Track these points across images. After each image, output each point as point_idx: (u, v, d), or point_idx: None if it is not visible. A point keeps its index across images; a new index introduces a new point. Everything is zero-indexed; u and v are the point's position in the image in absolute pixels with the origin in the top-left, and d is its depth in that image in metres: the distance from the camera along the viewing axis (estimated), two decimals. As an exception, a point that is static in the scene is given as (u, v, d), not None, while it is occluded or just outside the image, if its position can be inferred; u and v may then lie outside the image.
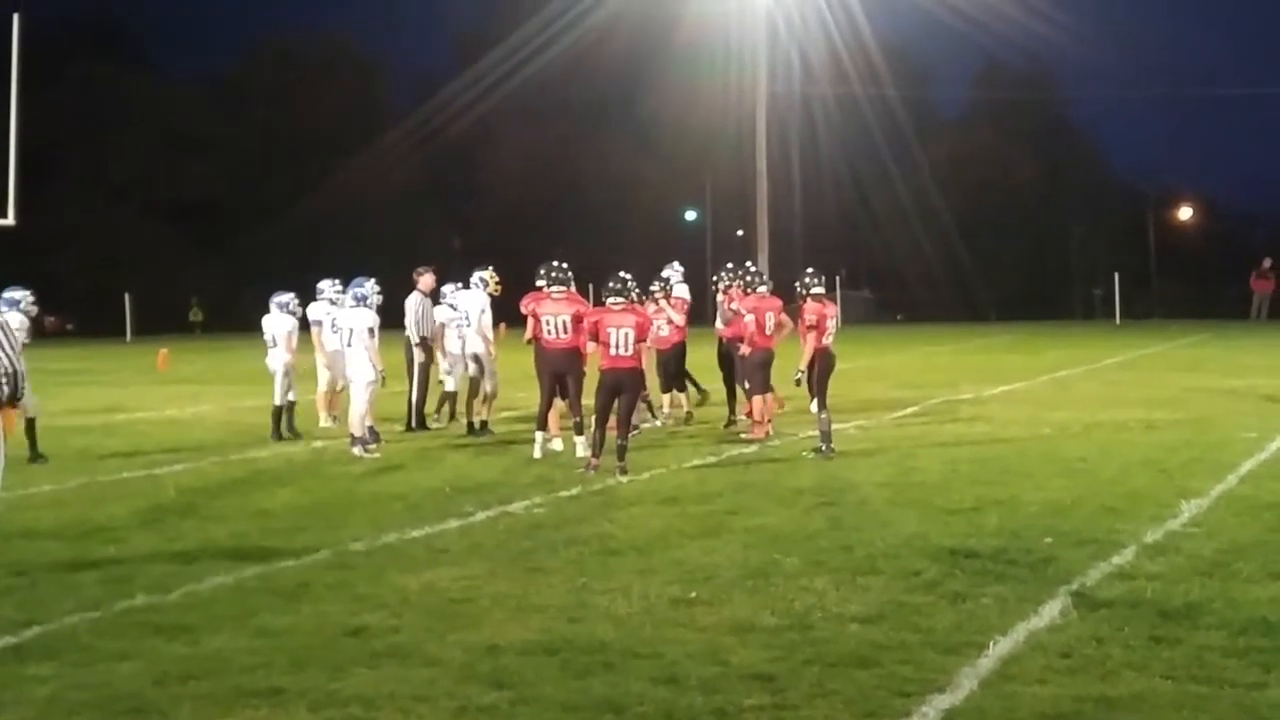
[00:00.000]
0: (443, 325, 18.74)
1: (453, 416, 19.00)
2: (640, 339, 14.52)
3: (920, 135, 70.32)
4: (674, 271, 19.44)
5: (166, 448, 17.06)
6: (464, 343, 18.23)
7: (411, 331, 18.37)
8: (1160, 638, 7.40)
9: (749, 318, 17.21)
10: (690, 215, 75.60)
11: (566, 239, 55.16)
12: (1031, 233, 74.17)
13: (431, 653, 7.40)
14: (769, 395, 17.14)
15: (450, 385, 18.93)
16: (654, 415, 18.54)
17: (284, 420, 17.79)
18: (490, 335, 18.11)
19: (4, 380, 9.92)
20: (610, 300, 14.72)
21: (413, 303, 18.44)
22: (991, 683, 6.74)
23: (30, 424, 15.77)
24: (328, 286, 18.21)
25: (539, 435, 15.65)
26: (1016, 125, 74.90)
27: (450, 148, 70.23)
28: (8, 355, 10.02)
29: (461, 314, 18.24)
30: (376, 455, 15.84)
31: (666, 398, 19.16)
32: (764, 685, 6.74)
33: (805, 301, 15.78)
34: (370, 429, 16.40)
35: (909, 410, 20.09)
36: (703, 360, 20.12)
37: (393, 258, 55.65)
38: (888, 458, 15.10)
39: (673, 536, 10.58)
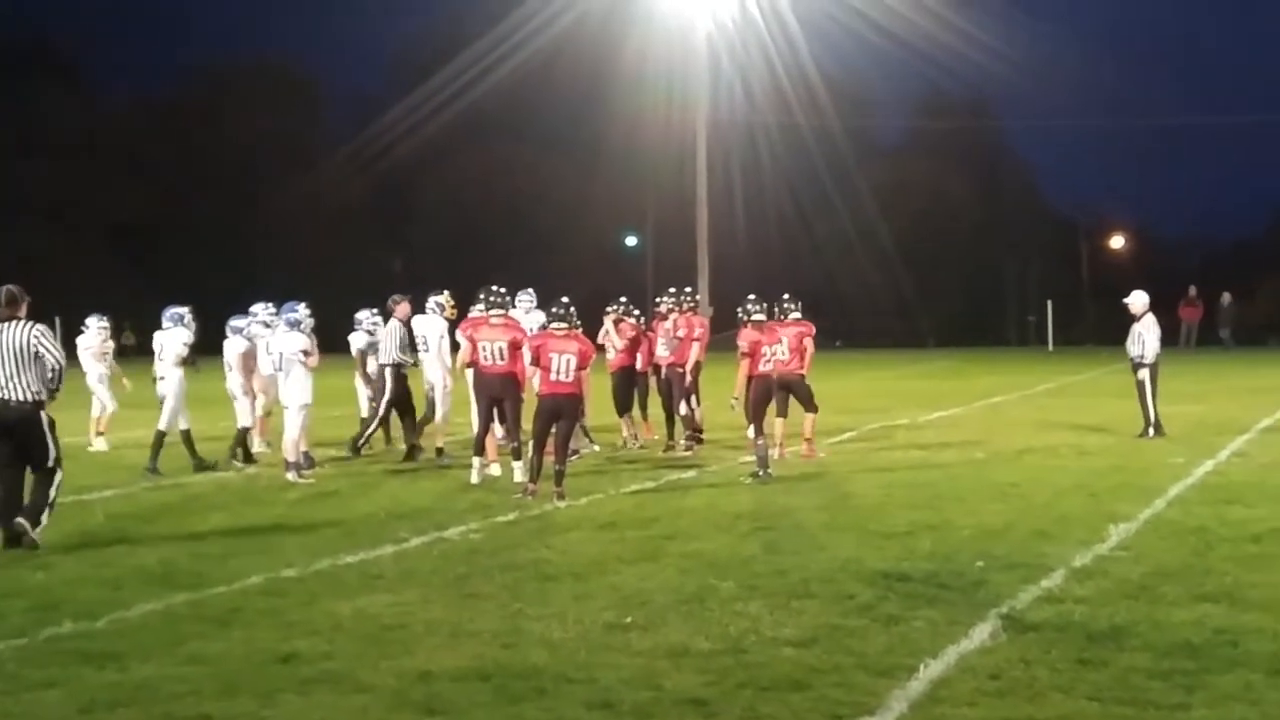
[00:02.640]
0: (361, 352, 18.71)
1: (387, 442, 18.95)
2: (581, 366, 14.55)
3: (861, 163, 70.70)
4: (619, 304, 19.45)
5: (97, 472, 16.90)
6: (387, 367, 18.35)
7: (389, 357, 18.19)
8: (1087, 660, 7.49)
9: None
10: (631, 240, 75.70)
11: (508, 263, 55.07)
12: (968, 260, 74.77)
13: (363, 679, 7.38)
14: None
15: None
16: (591, 441, 18.52)
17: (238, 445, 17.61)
18: (449, 362, 18.05)
19: (55, 377, 11.64)
20: (554, 325, 14.74)
21: (392, 330, 18.30)
22: (921, 705, 6.81)
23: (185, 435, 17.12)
24: (261, 310, 18.11)
25: (476, 461, 15.64)
26: (955, 154, 75.47)
27: (391, 170, 69.95)
28: (54, 354, 11.57)
29: (420, 339, 18.26)
30: (311, 480, 15.77)
31: (624, 421, 19.14)
32: (697, 709, 6.78)
33: (744, 327, 15.93)
34: (305, 454, 16.34)
35: (845, 435, 20.20)
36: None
37: (332, 280, 55.60)
38: (824, 482, 15.20)
39: (609, 562, 10.59)
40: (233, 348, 17.62)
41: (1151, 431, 19.01)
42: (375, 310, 19.16)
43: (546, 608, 8.95)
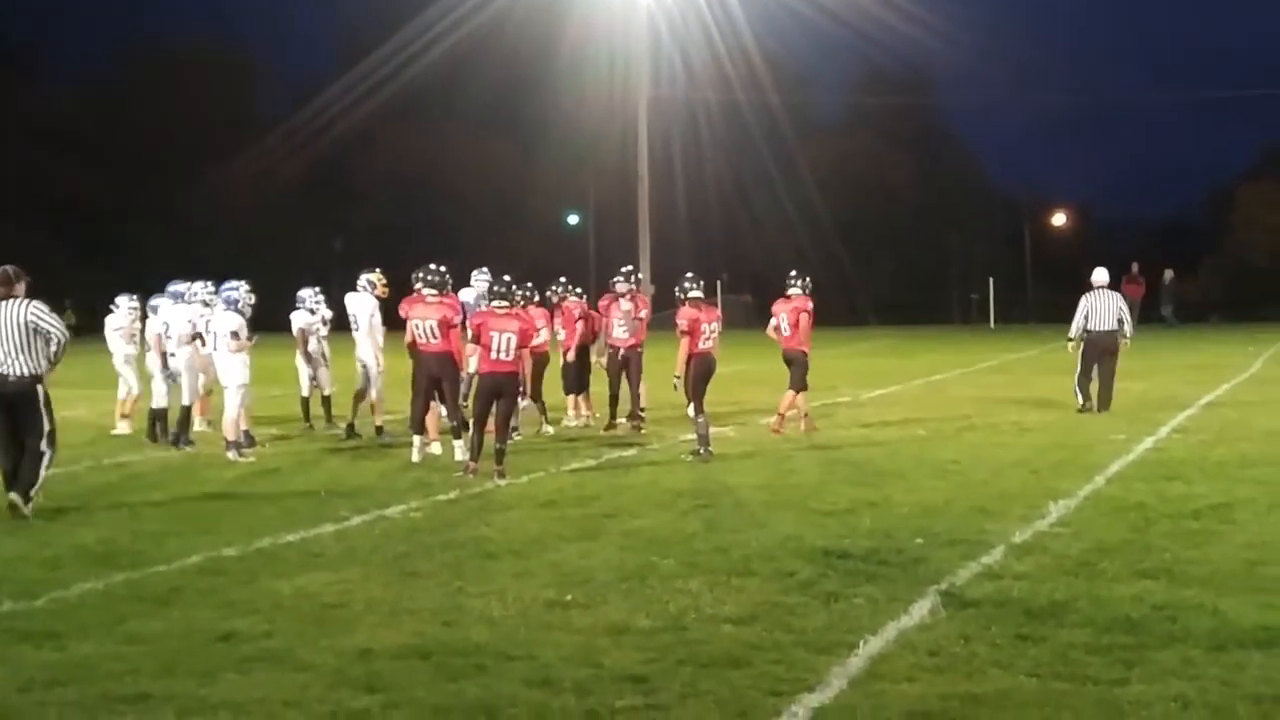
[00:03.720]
0: (302, 330, 18.60)
1: (329, 420, 18.85)
2: (522, 344, 14.48)
3: (801, 140, 70.87)
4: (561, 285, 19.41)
5: (82, 447, 16.73)
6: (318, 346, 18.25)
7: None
8: (1026, 636, 7.53)
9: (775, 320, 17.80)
10: (573, 219, 75.57)
11: (448, 242, 54.86)
12: (910, 238, 75.14)
13: (303, 657, 7.33)
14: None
15: (325, 389, 18.83)
16: (547, 421, 18.41)
17: (159, 424, 17.51)
18: (380, 340, 17.95)
19: (59, 350, 12.12)
20: (495, 304, 14.68)
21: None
22: (861, 681, 6.83)
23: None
24: (200, 289, 17.92)
25: (417, 439, 15.57)
26: (895, 131, 75.77)
27: (331, 150, 69.55)
28: (57, 328, 12.02)
29: (351, 318, 18.15)
30: (252, 460, 15.66)
31: (570, 399, 19.11)
32: (637, 686, 6.77)
33: (682, 305, 15.93)
34: (245, 433, 16.22)
35: (787, 414, 20.20)
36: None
37: (272, 260, 55.26)
38: (765, 460, 15.22)
39: (550, 540, 10.58)
40: (151, 327, 17.43)
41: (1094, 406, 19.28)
42: (318, 289, 19.08)
43: (487, 585, 8.91)
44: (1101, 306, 20.13)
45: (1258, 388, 23.66)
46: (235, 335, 15.87)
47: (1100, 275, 20.45)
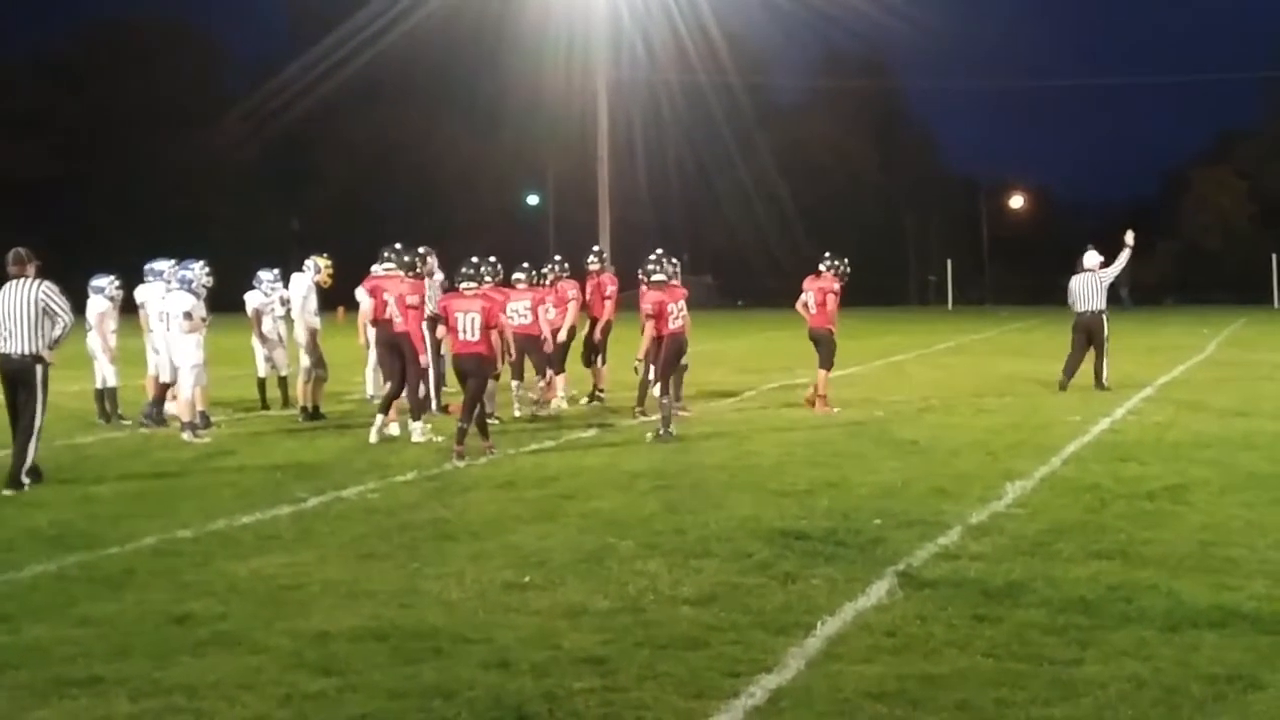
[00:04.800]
0: (257, 311, 18.52)
1: (285, 402, 18.77)
2: (487, 324, 14.44)
3: (761, 121, 70.95)
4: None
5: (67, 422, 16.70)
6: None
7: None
8: (982, 616, 7.55)
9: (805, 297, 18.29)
10: (532, 199, 75.41)
11: (407, 222, 54.68)
12: (869, 219, 75.33)
13: (258, 640, 7.29)
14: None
15: (281, 370, 18.78)
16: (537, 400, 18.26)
17: (109, 404, 17.41)
18: (313, 321, 17.86)
19: (64, 332, 12.50)
20: (462, 285, 14.66)
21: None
22: (818, 662, 6.83)
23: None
24: (167, 267, 17.78)
25: (378, 418, 15.51)
26: (855, 113, 75.94)
27: (289, 130, 69.20)
28: (64, 312, 12.41)
29: (283, 298, 18.14)
30: (207, 441, 15.56)
31: (559, 379, 19.00)
32: (594, 668, 6.75)
33: (645, 289, 15.90)
34: (201, 414, 16.13)
35: (747, 394, 20.27)
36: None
37: (230, 240, 54.88)
38: (724, 441, 15.22)
39: (508, 521, 10.55)
40: (93, 307, 17.29)
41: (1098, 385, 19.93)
42: (276, 271, 19.00)
43: (444, 567, 8.88)
44: (1087, 288, 20.46)
45: (1212, 370, 23.85)
46: (189, 315, 15.78)
47: (1091, 258, 20.69)
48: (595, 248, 19.79)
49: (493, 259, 16.36)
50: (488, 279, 15.64)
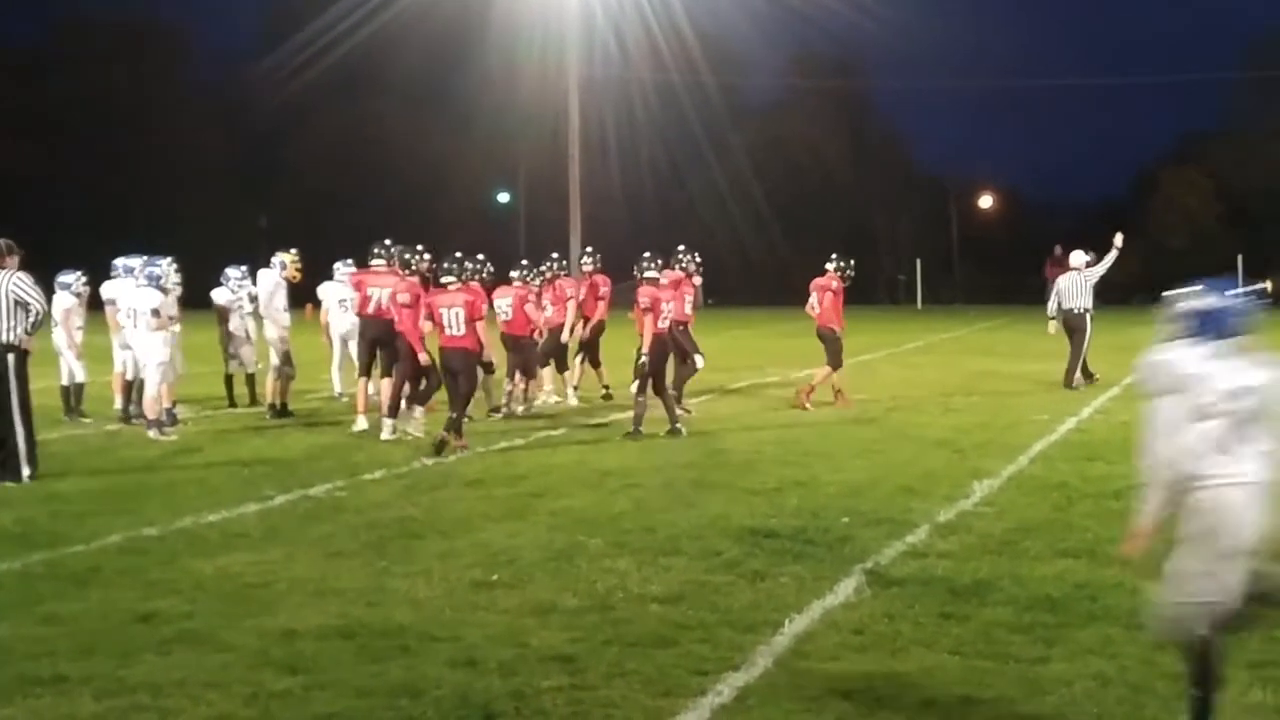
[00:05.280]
0: (223, 308, 18.47)
1: (253, 399, 18.70)
2: (471, 318, 14.43)
3: (735, 121, 70.99)
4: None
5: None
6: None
7: None
8: (949, 614, 7.57)
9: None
10: (503, 197, 75.30)
11: (377, 219, 54.55)
12: (839, 218, 75.43)
13: (224, 638, 7.26)
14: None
15: (248, 367, 18.74)
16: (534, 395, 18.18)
17: (74, 400, 17.32)
18: (281, 319, 17.79)
19: (37, 321, 12.75)
20: (445, 280, 14.69)
21: None
22: (786, 660, 6.84)
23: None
24: (139, 264, 17.69)
25: (388, 421, 15.42)
26: (827, 113, 76.05)
27: (259, 125, 69.01)
28: (36, 301, 12.66)
29: (251, 294, 18.13)
30: (173, 438, 15.48)
31: (547, 374, 18.91)
32: (563, 666, 6.75)
33: (641, 284, 15.95)
34: (168, 410, 16.05)
35: (715, 393, 20.26)
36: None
37: (199, 236, 54.62)
38: (694, 440, 15.23)
39: (476, 519, 10.54)
40: (59, 303, 17.19)
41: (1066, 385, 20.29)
42: (244, 267, 18.93)
43: (412, 566, 8.87)
44: (1073, 287, 20.97)
45: (1180, 369, 23.90)
46: (156, 313, 15.70)
47: (1077, 257, 21.08)
48: (588, 249, 19.76)
49: (481, 256, 16.42)
50: (470, 275, 15.59)
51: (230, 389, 18.85)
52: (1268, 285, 20.33)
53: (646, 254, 16.31)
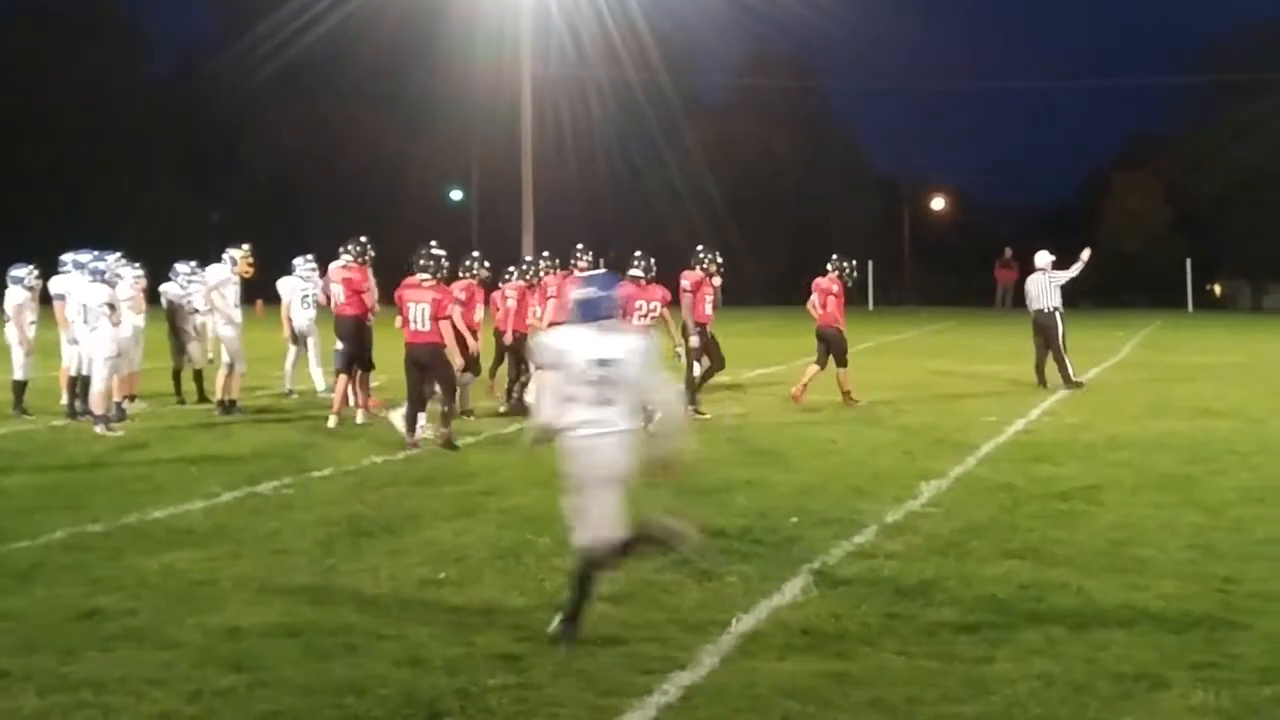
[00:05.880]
0: (171, 303, 18.37)
1: (201, 396, 18.59)
2: (437, 315, 14.43)
3: (690, 119, 70.93)
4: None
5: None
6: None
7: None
8: (896, 614, 7.61)
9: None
10: (456, 195, 75.05)
11: (328, 216, 54.29)
12: (793, 218, 75.57)
13: (169, 635, 7.23)
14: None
15: (197, 363, 18.65)
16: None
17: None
18: (232, 314, 17.68)
19: None
20: (418, 275, 14.70)
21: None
22: (732, 659, 6.86)
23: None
24: (71, 260, 17.56)
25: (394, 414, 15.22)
26: (782, 112, 76.13)
27: (211, 120, 68.50)
28: None
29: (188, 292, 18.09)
30: (120, 434, 15.36)
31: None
32: (509, 665, 6.74)
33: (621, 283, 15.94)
34: (117, 405, 15.94)
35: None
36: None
37: (150, 231, 54.21)
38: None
39: (425, 517, 10.51)
40: (10, 298, 17.05)
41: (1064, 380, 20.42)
42: (194, 263, 18.84)
43: (359, 563, 8.84)
44: (1039, 288, 21.16)
45: (1127, 372, 24.12)
46: (112, 307, 15.61)
47: (1042, 258, 21.48)
48: (579, 246, 19.65)
49: (476, 254, 16.78)
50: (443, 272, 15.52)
51: (178, 385, 18.73)
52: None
53: (638, 254, 16.36)
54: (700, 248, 17.84)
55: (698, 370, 17.43)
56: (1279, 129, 61.09)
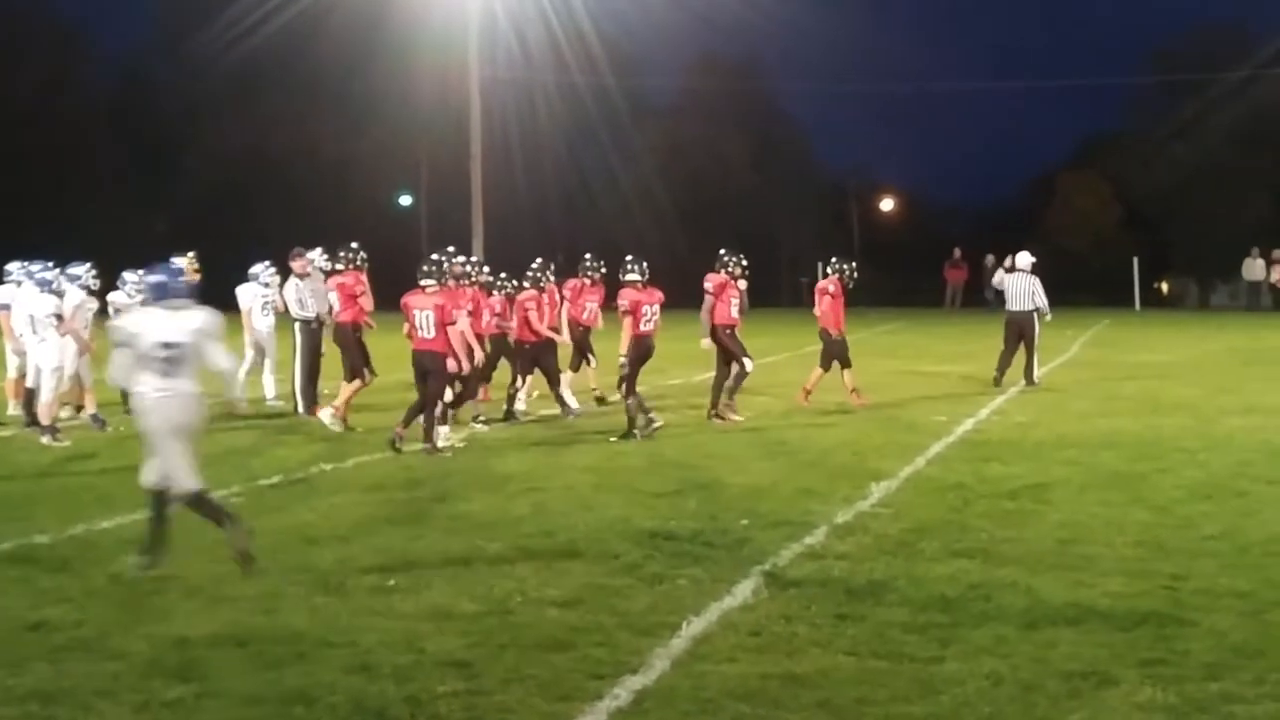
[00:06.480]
0: (118, 311, 18.23)
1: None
2: (441, 322, 14.46)
3: (638, 122, 70.96)
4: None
5: None
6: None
7: (295, 314, 18.08)
8: (845, 615, 7.63)
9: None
10: (405, 199, 74.80)
11: (276, 221, 53.97)
12: (742, 220, 75.65)
13: (116, 646, 7.18)
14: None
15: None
16: (566, 408, 17.87)
17: None
18: None
19: None
20: (423, 282, 14.74)
21: (290, 286, 18.25)
22: (683, 662, 6.86)
23: None
24: (16, 269, 17.38)
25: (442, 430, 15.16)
26: (729, 115, 76.21)
27: (156, 128, 67.98)
28: None
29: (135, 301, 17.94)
30: (66, 444, 15.23)
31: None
32: (459, 672, 6.73)
33: (623, 287, 16.05)
34: (93, 416, 15.86)
35: (618, 397, 20.22)
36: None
37: (96, 240, 53.73)
38: (595, 443, 15.22)
39: (375, 524, 10.47)
40: None
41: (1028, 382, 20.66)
42: (142, 271, 18.68)
43: (308, 571, 8.79)
44: (1018, 288, 21.27)
45: (1075, 371, 24.28)
46: (59, 318, 15.50)
47: (1024, 258, 21.60)
48: (587, 256, 19.70)
49: (475, 259, 16.47)
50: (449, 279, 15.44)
51: (125, 394, 18.56)
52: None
53: (629, 257, 16.41)
54: (724, 251, 17.92)
55: (749, 366, 17.40)
56: (1225, 128, 61.68)
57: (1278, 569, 8.71)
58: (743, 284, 17.80)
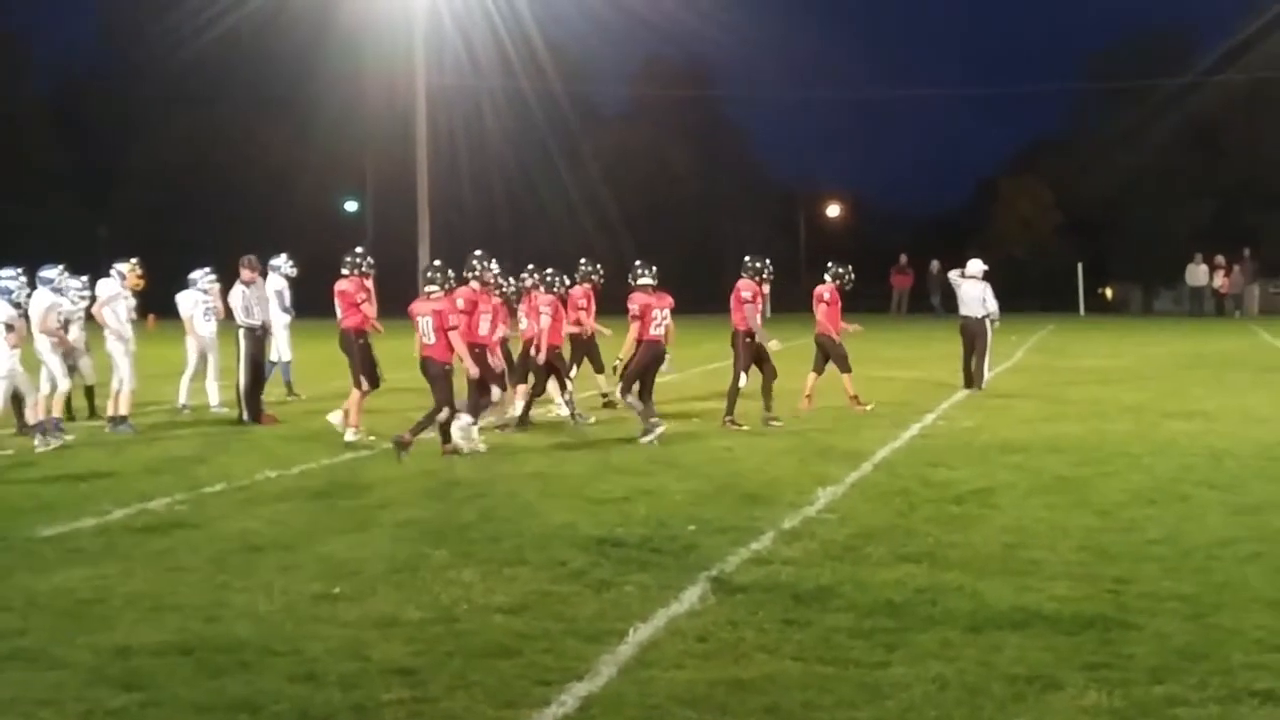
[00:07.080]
0: (66, 319, 18.06)
1: (92, 412, 18.30)
2: (440, 327, 14.49)
3: (585, 129, 70.98)
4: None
5: None
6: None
7: (241, 321, 17.97)
8: (792, 620, 7.64)
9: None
10: (351, 206, 74.50)
11: (219, 227, 53.68)
12: (689, 227, 75.78)
13: (59, 655, 7.11)
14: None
15: (88, 379, 18.36)
16: (576, 416, 17.77)
17: None
18: (122, 329, 17.43)
19: None
20: (427, 289, 14.87)
21: (236, 293, 18.14)
22: (630, 669, 6.85)
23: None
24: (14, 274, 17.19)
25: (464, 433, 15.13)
26: (676, 121, 76.31)
27: (96, 132, 67.50)
28: None
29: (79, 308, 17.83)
30: (9, 452, 15.10)
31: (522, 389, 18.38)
32: (404, 679, 6.70)
33: (633, 291, 16.07)
34: (55, 421, 15.73)
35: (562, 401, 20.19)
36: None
37: (37, 246, 53.21)
38: (541, 450, 15.20)
39: (319, 532, 10.41)
40: None
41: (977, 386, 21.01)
42: (85, 278, 18.53)
43: (252, 580, 8.73)
44: (969, 294, 21.64)
45: (1019, 376, 24.45)
46: (10, 327, 15.32)
47: (974, 266, 21.92)
48: (582, 260, 19.66)
49: (479, 254, 16.46)
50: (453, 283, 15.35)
51: (68, 402, 18.40)
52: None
53: (639, 261, 16.43)
54: (748, 257, 18.00)
55: (743, 381, 17.46)
56: (1165, 133, 62.25)
57: (1220, 572, 8.78)
58: (766, 289, 18.27)
